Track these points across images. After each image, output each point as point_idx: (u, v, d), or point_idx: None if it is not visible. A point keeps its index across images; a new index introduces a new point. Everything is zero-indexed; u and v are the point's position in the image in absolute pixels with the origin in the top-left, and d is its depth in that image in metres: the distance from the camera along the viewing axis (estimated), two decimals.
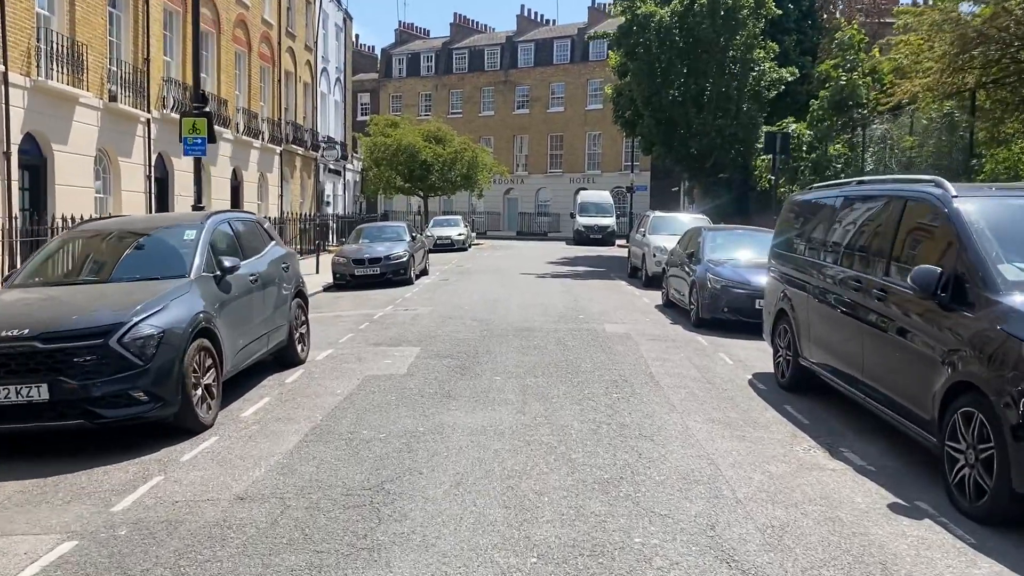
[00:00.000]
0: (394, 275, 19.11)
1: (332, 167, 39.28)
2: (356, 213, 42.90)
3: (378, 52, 65.14)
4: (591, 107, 54.68)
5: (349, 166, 43.99)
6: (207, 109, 13.52)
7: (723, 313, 11.86)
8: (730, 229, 15.73)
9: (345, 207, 42.46)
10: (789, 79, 24.90)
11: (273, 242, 9.34)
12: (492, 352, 10.02)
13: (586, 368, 9.07)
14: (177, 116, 16.17)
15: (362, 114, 57.07)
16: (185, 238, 7.59)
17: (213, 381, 6.93)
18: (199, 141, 13.22)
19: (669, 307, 14.67)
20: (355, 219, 34.91)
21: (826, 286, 7.25)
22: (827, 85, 21.45)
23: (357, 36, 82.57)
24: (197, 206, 13.50)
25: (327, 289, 18.85)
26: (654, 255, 18.17)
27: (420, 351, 10.11)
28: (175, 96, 21.48)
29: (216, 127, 24.32)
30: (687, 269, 13.48)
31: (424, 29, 65.59)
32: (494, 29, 63.50)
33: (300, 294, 9.61)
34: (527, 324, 12.41)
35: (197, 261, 7.32)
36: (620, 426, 6.69)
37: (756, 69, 24.72)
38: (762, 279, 11.66)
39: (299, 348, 9.33)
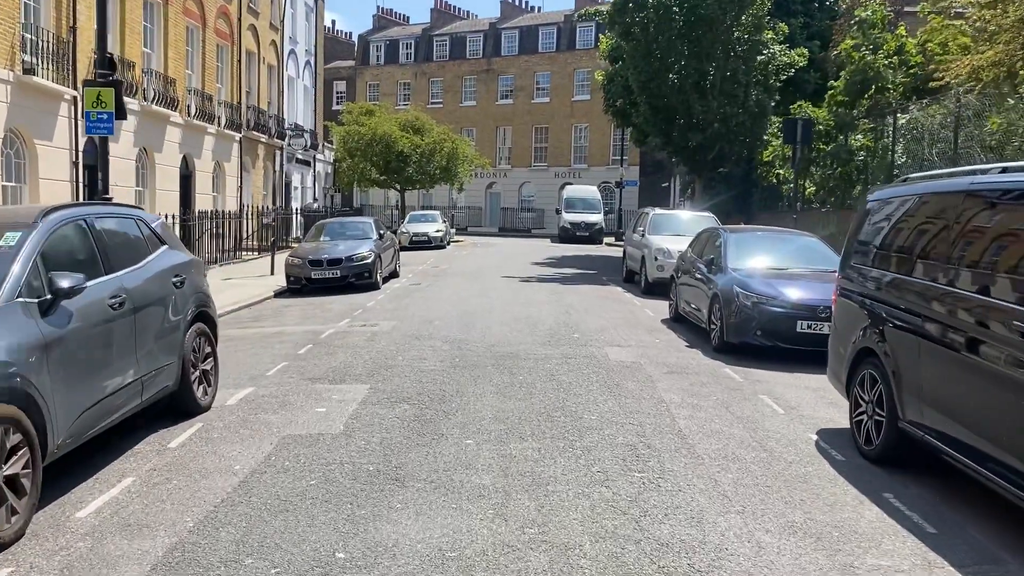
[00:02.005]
0: (357, 279, 16.59)
1: (301, 157, 36.57)
2: (327, 207, 40.10)
3: (355, 38, 62.39)
4: (578, 98, 52.17)
5: (320, 156, 41.27)
6: (115, 77, 10.94)
7: (755, 337, 9.48)
8: (753, 230, 13.36)
9: (315, 199, 39.71)
10: (801, 63, 22.54)
11: (164, 247, 6.81)
12: (464, 394, 7.58)
13: (591, 422, 6.66)
14: None
15: (337, 102, 54.15)
16: (1, 245, 5.09)
17: (24, 468, 4.44)
18: (104, 117, 10.66)
19: (679, 322, 12.32)
20: (322, 214, 32.15)
21: (957, 324, 4.88)
22: (847, 67, 19.21)
23: (333, 22, 79.94)
24: (104, 197, 10.94)
25: (279, 295, 16.30)
26: (655, 258, 15.83)
27: (368, 392, 7.65)
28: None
29: (163, 108, 21.81)
30: (702, 277, 11.15)
31: (403, 15, 63.11)
32: (476, 15, 60.96)
33: (204, 317, 7.10)
34: (510, 348, 9.98)
35: (11, 278, 4.82)
36: (657, 546, 4.27)
37: (765, 52, 22.34)
38: (795, 293, 9.46)
39: (199, 392, 6.83)
